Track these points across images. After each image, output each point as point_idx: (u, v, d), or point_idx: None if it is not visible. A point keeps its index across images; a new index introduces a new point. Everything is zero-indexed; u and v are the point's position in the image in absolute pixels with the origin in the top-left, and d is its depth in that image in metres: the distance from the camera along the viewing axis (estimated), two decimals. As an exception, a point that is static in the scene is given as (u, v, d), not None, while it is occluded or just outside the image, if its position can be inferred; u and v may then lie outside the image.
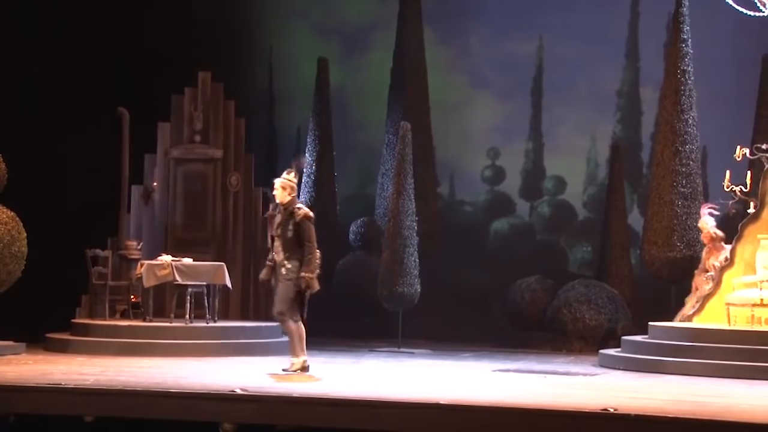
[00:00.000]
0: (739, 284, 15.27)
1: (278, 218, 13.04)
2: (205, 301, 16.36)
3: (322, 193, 20.27)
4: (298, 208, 12.94)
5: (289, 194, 13.05)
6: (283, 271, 12.87)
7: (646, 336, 15.40)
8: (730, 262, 15.74)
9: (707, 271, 15.72)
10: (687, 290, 16.55)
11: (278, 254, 12.91)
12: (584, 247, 20.98)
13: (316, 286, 12.96)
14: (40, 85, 19.33)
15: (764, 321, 14.85)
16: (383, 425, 10.63)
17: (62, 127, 19.06)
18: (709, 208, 15.88)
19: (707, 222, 15.90)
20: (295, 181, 13.24)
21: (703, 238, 15.99)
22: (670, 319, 15.83)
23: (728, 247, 15.57)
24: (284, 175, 13.15)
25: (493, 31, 21.07)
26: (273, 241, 13.01)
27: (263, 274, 13.13)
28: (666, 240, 17.79)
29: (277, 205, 13.26)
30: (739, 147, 15.61)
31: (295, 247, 12.86)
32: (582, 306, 17.83)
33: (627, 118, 21.12)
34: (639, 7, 21.08)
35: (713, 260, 15.64)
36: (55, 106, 19.18)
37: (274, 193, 13.21)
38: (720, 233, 15.80)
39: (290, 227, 12.88)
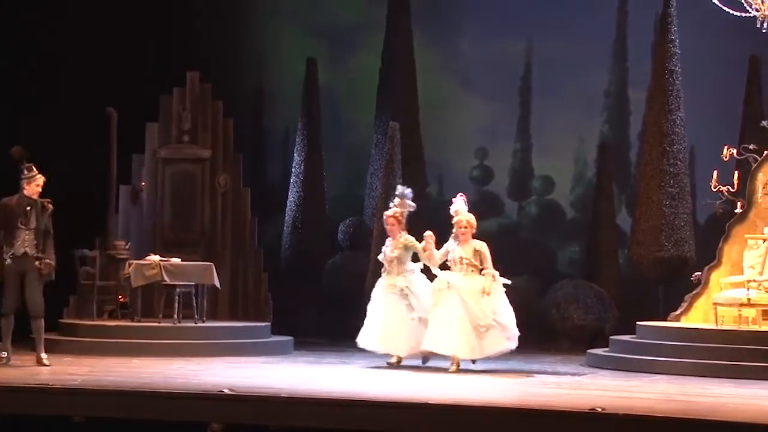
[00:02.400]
0: (726, 284, 15.31)
1: None
2: (194, 301, 16.36)
3: (310, 193, 20.26)
4: None
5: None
6: None
7: (634, 336, 15.43)
8: (717, 261, 15.79)
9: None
10: (675, 290, 16.59)
11: None
12: (572, 247, 21.00)
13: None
14: (28, 85, 19.28)
15: (751, 321, 14.89)
16: (372, 425, 10.64)
17: (50, 126, 19.01)
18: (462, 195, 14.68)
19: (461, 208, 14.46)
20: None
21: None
22: (659, 319, 15.85)
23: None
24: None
25: (481, 32, 21.08)
26: None
27: None
28: (654, 240, 17.81)
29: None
30: (726, 147, 15.67)
31: None
32: (570, 306, 17.85)
33: (615, 118, 21.14)
34: (627, 7, 21.10)
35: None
36: (42, 105, 19.13)
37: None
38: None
39: None
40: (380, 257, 14.85)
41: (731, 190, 15.68)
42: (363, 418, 10.72)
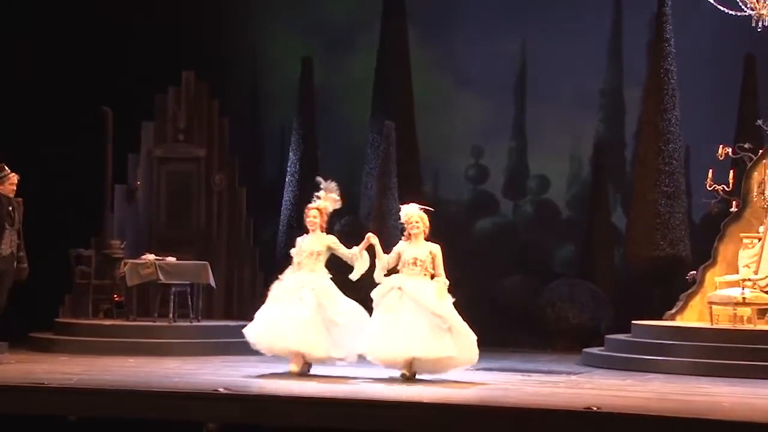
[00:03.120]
0: (721, 283, 15.33)
1: None
2: (189, 300, 16.35)
3: (306, 192, 20.23)
4: None
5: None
6: None
7: (630, 335, 15.44)
8: (712, 260, 15.80)
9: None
10: (670, 289, 16.60)
11: None
12: (568, 246, 21.01)
13: None
14: (24, 84, 19.27)
15: (746, 320, 14.91)
16: (367, 424, 10.64)
17: (45, 126, 19.01)
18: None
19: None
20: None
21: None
22: (654, 318, 15.86)
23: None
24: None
25: (476, 30, 21.06)
26: None
27: None
28: (649, 239, 17.82)
29: None
30: (721, 146, 15.67)
31: None
32: (565, 305, 17.87)
33: (610, 117, 21.14)
34: (622, 6, 21.10)
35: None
36: (38, 104, 19.12)
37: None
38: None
39: None
40: (293, 251, 13.48)
41: (726, 189, 15.69)
42: (358, 417, 10.72)
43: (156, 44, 19.47)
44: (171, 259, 16.52)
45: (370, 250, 13.27)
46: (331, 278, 13.40)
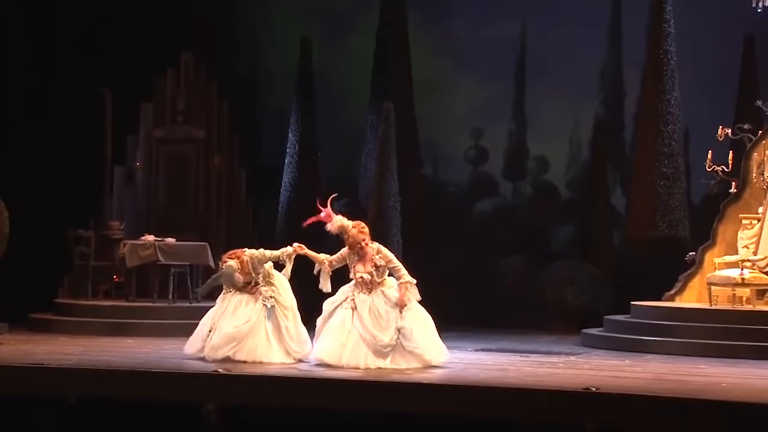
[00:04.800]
0: (720, 264, 15.34)
1: None
2: (188, 281, 16.36)
3: (305, 174, 20.23)
4: None
5: None
6: None
7: (628, 315, 15.46)
8: (711, 241, 15.81)
9: None
10: (670, 270, 16.59)
11: None
12: (567, 228, 21.00)
13: None
14: (22, 66, 19.25)
15: (745, 300, 14.93)
16: (366, 404, 10.66)
17: (44, 107, 19.00)
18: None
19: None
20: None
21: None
22: (653, 299, 15.87)
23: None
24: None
25: (476, 13, 21.01)
26: None
27: None
28: (648, 220, 17.83)
29: None
30: (721, 127, 15.66)
31: None
32: (565, 286, 17.88)
33: (609, 99, 21.09)
34: (622, -13, 21.06)
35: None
36: (37, 85, 19.11)
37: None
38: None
39: None
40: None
41: (726, 170, 15.69)
42: (357, 398, 10.75)
43: (155, 26, 19.43)
44: (170, 240, 16.53)
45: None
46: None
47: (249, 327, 12.52)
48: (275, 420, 10.88)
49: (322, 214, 12.86)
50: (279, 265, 12.97)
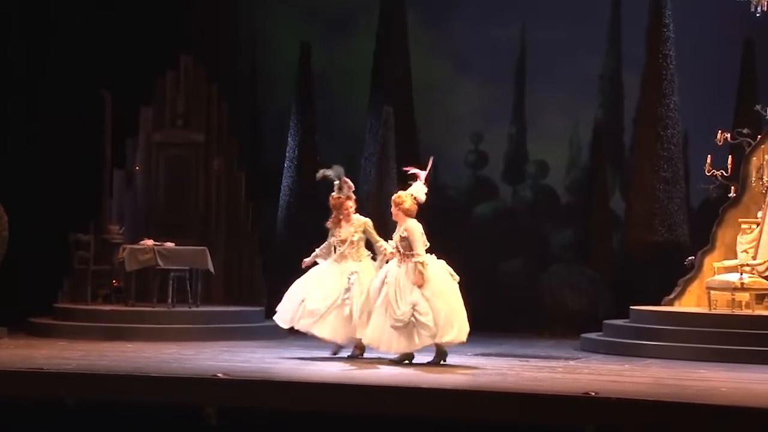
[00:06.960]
0: (719, 268, 15.34)
1: None
2: (188, 285, 16.36)
3: (304, 177, 20.23)
4: None
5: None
6: None
7: (628, 320, 15.46)
8: (711, 246, 15.82)
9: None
10: (669, 274, 16.59)
11: None
12: (566, 231, 21.01)
13: None
14: (21, 68, 19.25)
15: (744, 305, 14.93)
16: (365, 408, 10.66)
17: (43, 110, 19.00)
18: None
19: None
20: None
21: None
22: (652, 303, 15.88)
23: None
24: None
25: (476, 15, 21.02)
26: None
27: None
28: (647, 224, 17.84)
29: None
30: (720, 131, 15.67)
31: None
32: (564, 290, 17.87)
33: (609, 103, 21.09)
34: (621, -9, 21.06)
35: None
36: (36, 88, 19.11)
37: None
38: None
39: None
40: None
41: (725, 174, 15.70)
42: (356, 402, 10.74)
43: (154, 28, 19.44)
44: (170, 245, 16.53)
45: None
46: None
47: (330, 303, 13.18)
48: (275, 423, 10.88)
49: (421, 172, 13.73)
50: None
